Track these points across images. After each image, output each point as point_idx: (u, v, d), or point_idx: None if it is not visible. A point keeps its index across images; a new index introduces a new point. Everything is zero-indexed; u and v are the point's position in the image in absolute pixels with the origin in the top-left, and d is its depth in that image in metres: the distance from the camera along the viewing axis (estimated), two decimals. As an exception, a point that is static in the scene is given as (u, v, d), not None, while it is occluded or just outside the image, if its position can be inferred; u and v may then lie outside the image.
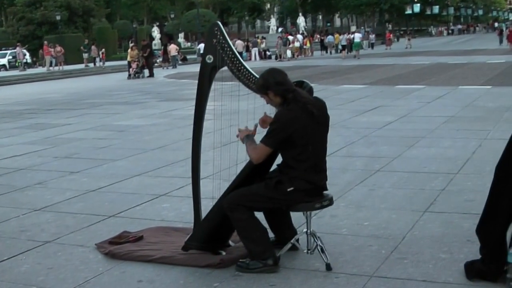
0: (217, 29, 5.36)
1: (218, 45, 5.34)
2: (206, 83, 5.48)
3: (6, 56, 57.11)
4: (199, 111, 5.55)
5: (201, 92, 5.51)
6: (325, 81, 25.06)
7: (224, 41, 5.33)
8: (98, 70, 46.30)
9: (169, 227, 6.43)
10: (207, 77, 5.46)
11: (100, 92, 26.16)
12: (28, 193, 8.43)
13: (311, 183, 5.03)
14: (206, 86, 5.49)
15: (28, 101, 23.49)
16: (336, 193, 7.29)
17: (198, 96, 5.53)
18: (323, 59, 48.78)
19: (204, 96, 5.51)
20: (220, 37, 5.34)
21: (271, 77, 5.03)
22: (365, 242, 5.76)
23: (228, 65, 5.35)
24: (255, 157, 5.09)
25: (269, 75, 5.05)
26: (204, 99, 5.52)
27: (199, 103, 5.54)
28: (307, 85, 5.28)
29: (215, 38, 5.36)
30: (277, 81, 4.99)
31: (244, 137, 5.21)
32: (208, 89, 5.51)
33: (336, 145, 10.47)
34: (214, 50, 5.37)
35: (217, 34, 5.35)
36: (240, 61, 5.32)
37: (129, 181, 8.78)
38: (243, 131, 5.25)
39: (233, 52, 5.33)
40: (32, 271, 5.50)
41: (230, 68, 5.36)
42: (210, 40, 5.40)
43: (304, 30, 71.25)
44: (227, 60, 5.33)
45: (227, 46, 5.33)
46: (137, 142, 12.32)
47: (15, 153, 11.62)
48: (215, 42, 5.35)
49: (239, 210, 5.10)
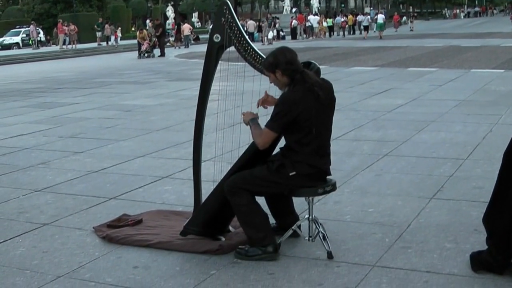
0: (226, 7, 5.20)
1: (226, 24, 5.19)
2: (212, 63, 5.33)
3: (19, 34, 57.01)
4: (203, 91, 5.40)
5: (206, 72, 5.36)
6: (336, 63, 24.84)
7: (233, 20, 5.17)
8: (111, 49, 46.18)
9: (169, 211, 6.30)
10: (214, 56, 5.31)
11: (111, 71, 26.03)
12: (31, 173, 8.32)
13: (314, 168, 4.87)
14: (212, 66, 5.34)
15: (38, 80, 23.39)
16: (341, 178, 7.19)
17: (203, 76, 5.39)
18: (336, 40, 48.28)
19: (210, 76, 5.36)
20: (229, 16, 5.18)
21: (282, 55, 4.86)
22: (368, 229, 5.60)
23: (235, 45, 5.20)
24: (261, 143, 4.94)
25: (280, 53, 4.88)
26: (209, 79, 5.37)
27: (204, 82, 5.39)
28: (314, 66, 5.11)
29: (224, 17, 5.20)
30: (287, 60, 4.82)
31: (249, 121, 5.05)
32: (214, 68, 5.35)
33: (344, 129, 10.33)
34: (222, 29, 5.21)
35: (225, 13, 5.19)
36: (247, 41, 5.18)
37: (133, 162, 8.66)
38: (247, 114, 5.10)
39: (241, 32, 5.18)
40: (27, 255, 5.38)
41: (237, 48, 5.21)
42: (219, 19, 5.24)
43: (317, 11, 70.63)
44: (234, 40, 5.18)
45: (235, 25, 5.18)
46: (143, 122, 12.19)
47: (21, 132, 11.52)
48: (223, 21, 5.20)
49: (240, 194, 4.95)
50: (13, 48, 52.98)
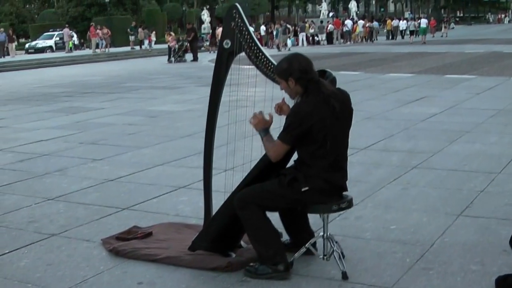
0: (235, 11, 4.95)
1: (236, 29, 4.92)
2: (222, 70, 5.08)
3: (53, 38, 57.26)
4: (214, 99, 5.17)
5: (217, 79, 5.12)
6: (372, 69, 24.45)
7: (243, 24, 4.92)
8: (144, 53, 46.12)
9: (181, 224, 6.05)
10: (224, 63, 5.07)
11: (141, 76, 25.88)
12: (46, 180, 8.13)
13: (328, 183, 4.57)
14: (223, 73, 5.09)
15: (67, 84, 23.32)
16: (365, 191, 6.94)
17: (213, 84, 5.14)
18: (374, 45, 47.67)
19: (220, 84, 5.12)
20: (239, 20, 4.93)
21: (297, 62, 4.55)
22: (389, 248, 5.28)
23: (246, 50, 4.94)
24: (273, 155, 4.67)
25: (295, 60, 4.58)
26: (219, 86, 5.13)
27: (215, 90, 5.15)
28: (330, 74, 4.81)
29: (233, 21, 4.95)
30: (302, 68, 4.52)
31: (260, 131, 4.75)
32: (225, 76, 5.11)
33: (374, 138, 10.02)
34: (232, 35, 4.96)
35: (235, 17, 4.94)
36: (258, 47, 4.92)
37: (151, 171, 8.42)
38: (259, 121, 4.77)
39: (251, 36, 4.92)
40: (30, 267, 5.20)
41: (247, 54, 4.96)
42: (228, 24, 4.99)
43: (355, 15, 70.07)
44: (245, 46, 4.93)
45: (246, 30, 4.92)
46: (167, 129, 11.95)
47: (42, 137, 11.37)
48: (233, 26, 4.94)
49: (250, 208, 4.68)
50: (46, 52, 53.23)
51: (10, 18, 71.61)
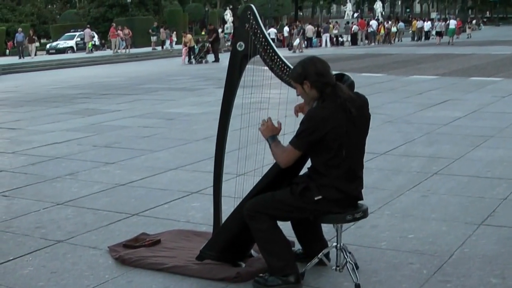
0: (249, 13, 4.76)
1: (250, 31, 4.73)
2: (236, 74, 4.89)
3: (74, 38, 57.32)
4: (226, 103, 4.97)
5: (229, 83, 4.93)
6: (395, 71, 24.10)
7: (257, 26, 4.72)
8: (165, 54, 46.02)
9: (191, 231, 5.86)
10: (237, 66, 4.87)
11: (160, 77, 25.72)
12: (56, 184, 7.97)
13: (342, 192, 4.35)
14: (236, 77, 4.90)
15: (86, 85, 23.21)
16: (383, 198, 6.74)
17: (226, 88, 4.95)
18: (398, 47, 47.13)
19: (233, 88, 4.93)
20: (253, 22, 4.73)
21: (312, 65, 4.34)
22: (405, 258, 5.06)
23: (261, 53, 4.74)
24: (283, 161, 4.44)
25: (310, 63, 4.36)
26: (232, 91, 4.94)
27: (227, 95, 4.96)
28: (348, 78, 4.56)
29: (248, 23, 4.75)
30: (318, 71, 4.30)
31: (268, 138, 4.55)
32: (238, 80, 4.91)
33: (395, 143, 9.80)
34: (246, 37, 4.77)
35: (249, 18, 4.75)
36: (273, 50, 4.71)
37: (163, 175, 8.24)
38: (267, 127, 4.58)
39: (266, 39, 4.72)
40: (34, 275, 5.04)
41: (262, 57, 4.76)
42: (242, 25, 4.80)
43: (380, 16, 69.56)
44: (260, 49, 4.73)
45: (260, 32, 4.73)
46: (183, 131, 11.76)
47: (56, 140, 11.22)
48: (247, 28, 4.75)
49: (260, 218, 4.47)
50: (67, 52, 53.31)
51: (31, 18, 71.87)
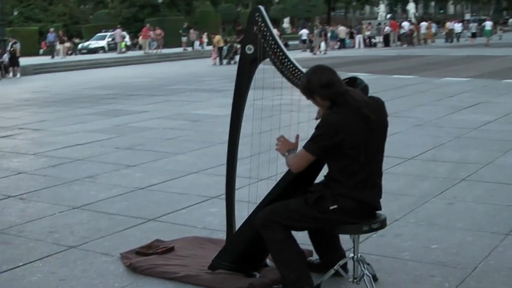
0: (258, 14, 4.57)
1: (259, 34, 4.54)
2: (245, 78, 4.72)
3: (105, 38, 57.51)
4: (236, 108, 4.85)
5: (239, 87, 4.77)
6: (426, 73, 23.72)
7: (266, 28, 4.53)
8: (196, 54, 45.96)
9: (206, 238, 5.68)
10: (247, 70, 4.71)
11: (189, 78, 25.60)
12: (75, 187, 7.86)
13: (359, 202, 4.14)
14: (245, 81, 4.73)
15: (114, 85, 23.19)
16: (408, 205, 6.55)
17: (235, 92, 4.80)
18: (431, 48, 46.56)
19: (243, 91, 4.77)
20: (262, 24, 4.55)
21: (316, 78, 4.10)
22: (427, 271, 4.84)
23: (271, 57, 4.56)
24: (295, 165, 4.24)
25: (313, 75, 4.13)
26: (242, 94, 4.79)
27: (237, 99, 4.81)
28: (361, 82, 4.35)
29: (256, 25, 4.57)
30: (322, 83, 4.07)
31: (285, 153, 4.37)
32: (248, 84, 4.75)
33: (422, 147, 9.55)
34: (255, 40, 4.59)
35: (258, 20, 4.57)
36: (284, 53, 4.53)
37: (184, 179, 8.09)
38: (284, 144, 4.41)
39: (276, 41, 4.53)
40: (42, 282, 4.92)
41: (272, 60, 4.58)
42: (251, 28, 4.61)
43: (413, 17, 68.90)
44: (269, 52, 4.54)
45: (269, 34, 4.54)
46: (207, 134, 11.59)
47: (79, 141, 11.13)
48: (255, 30, 4.56)
49: (273, 228, 4.28)
50: (98, 52, 53.51)
51: (63, 18, 72.34)
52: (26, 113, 16.17)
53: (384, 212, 5.92)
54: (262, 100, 5.10)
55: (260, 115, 5.23)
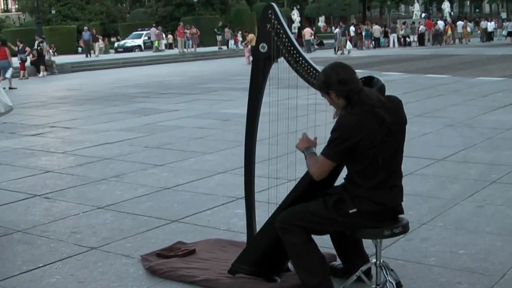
0: (271, 12, 4.46)
1: (272, 31, 4.43)
2: (259, 77, 4.61)
3: (141, 37, 57.75)
4: (252, 109, 4.72)
5: (254, 87, 4.67)
6: (460, 72, 23.41)
7: (280, 26, 4.42)
8: (230, 53, 45.96)
9: (228, 241, 5.59)
10: (261, 69, 4.60)
11: (222, 76, 25.57)
12: (101, 187, 7.83)
13: (379, 205, 4.02)
14: (260, 80, 4.62)
15: (147, 84, 23.24)
16: (437, 208, 6.40)
17: (250, 92, 4.69)
18: (465, 47, 46.07)
19: (258, 92, 4.67)
20: (275, 21, 4.44)
21: (334, 73, 4.01)
22: (453, 277, 4.69)
23: (284, 55, 4.45)
24: (316, 173, 4.12)
25: (332, 71, 4.04)
26: (258, 94, 4.67)
27: (252, 100, 4.70)
28: (377, 81, 4.22)
29: (269, 23, 4.46)
30: (340, 79, 3.97)
31: (304, 149, 4.26)
32: (263, 83, 4.64)
33: (454, 148, 9.36)
34: (268, 38, 4.48)
35: (271, 18, 4.45)
36: (298, 51, 4.42)
37: (211, 179, 8.01)
38: (303, 141, 4.33)
39: (290, 39, 4.42)
40: (60, 284, 4.88)
41: (286, 59, 4.46)
42: (264, 26, 4.50)
43: (448, 16, 68.23)
44: (283, 50, 4.43)
45: (283, 32, 4.43)
46: (236, 133, 11.48)
47: (108, 140, 11.15)
48: (269, 28, 4.45)
49: (293, 231, 4.18)
50: (134, 51, 53.77)
51: (100, 17, 72.90)
52: (59, 111, 16.27)
53: (412, 214, 5.85)
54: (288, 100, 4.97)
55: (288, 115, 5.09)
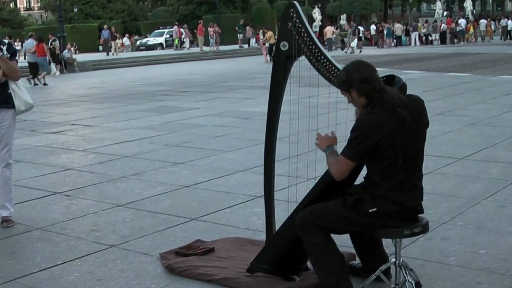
0: (293, 10, 4.45)
1: (293, 30, 4.41)
2: (280, 75, 4.61)
3: (163, 35, 57.86)
4: (273, 107, 4.71)
5: (275, 86, 4.66)
6: (482, 70, 23.25)
7: (301, 24, 4.41)
8: (251, 51, 45.87)
9: (247, 239, 5.58)
10: (282, 68, 4.59)
11: (243, 75, 25.57)
12: (120, 185, 7.84)
13: (398, 204, 3.99)
14: (281, 79, 4.62)
15: (168, 82, 23.29)
16: (457, 208, 6.35)
17: (271, 90, 4.68)
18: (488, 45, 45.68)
19: (279, 90, 4.65)
20: (297, 20, 4.42)
21: (356, 71, 3.99)
22: (473, 277, 4.65)
23: (306, 54, 4.44)
24: (336, 173, 4.10)
25: (354, 69, 4.02)
26: (278, 93, 4.66)
27: (273, 98, 4.69)
28: (399, 80, 4.20)
29: (291, 21, 4.45)
30: (362, 78, 3.95)
31: (325, 148, 4.24)
32: (283, 82, 4.64)
33: (475, 146, 9.29)
34: (289, 36, 4.47)
35: (293, 16, 4.44)
36: (319, 50, 4.40)
37: (230, 177, 8.00)
38: (324, 139, 4.30)
39: (311, 38, 4.41)
40: (79, 282, 4.88)
41: (307, 57, 4.45)
42: (285, 24, 4.49)
43: (470, 14, 67.77)
44: (304, 48, 4.42)
45: (305, 30, 4.41)
46: (256, 132, 11.45)
47: (128, 138, 11.17)
48: (290, 26, 4.44)
49: (312, 230, 4.15)
50: (156, 49, 53.90)
51: (122, 15, 73.18)
52: (80, 109, 16.34)
53: (432, 214, 5.81)
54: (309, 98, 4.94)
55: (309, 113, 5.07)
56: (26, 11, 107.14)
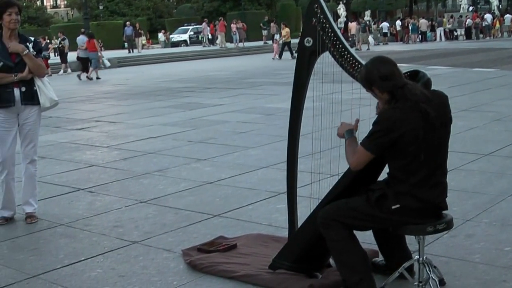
0: (317, 6, 4.41)
1: (318, 26, 4.39)
2: (304, 71, 4.58)
3: (187, 32, 57.95)
4: (296, 103, 4.69)
5: (298, 82, 4.64)
6: (509, 66, 22.98)
7: (326, 20, 4.38)
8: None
9: (269, 236, 5.55)
10: (306, 63, 4.57)
11: (267, 71, 25.51)
12: (144, 181, 7.84)
13: (422, 201, 3.94)
14: (304, 75, 4.59)
15: (192, 78, 23.32)
16: (483, 204, 6.27)
17: (295, 86, 4.65)
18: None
19: (302, 86, 4.63)
20: (321, 15, 4.39)
21: (375, 69, 3.96)
22: (498, 275, 4.58)
23: (330, 49, 4.40)
24: (354, 163, 4.07)
25: (373, 66, 3.98)
26: (302, 89, 4.63)
27: (297, 94, 4.67)
28: (423, 76, 4.15)
29: (315, 17, 4.42)
30: (381, 75, 3.92)
31: (345, 132, 4.21)
32: (307, 78, 4.60)
33: (501, 142, 9.18)
34: (314, 32, 4.44)
35: (317, 12, 4.41)
36: (344, 45, 4.36)
37: (253, 174, 7.98)
38: (344, 124, 4.30)
39: (336, 33, 4.37)
40: (101, 278, 4.88)
41: (331, 53, 4.42)
42: (309, 20, 4.47)
43: (496, 10, 67.16)
44: (329, 44, 4.38)
45: (329, 26, 4.38)
46: (280, 128, 11.38)
47: (152, 134, 11.19)
48: (314, 22, 4.41)
49: (335, 227, 4.12)
50: (181, 46, 54.01)
51: (147, 12, 73.42)
52: (104, 105, 16.41)
53: (457, 210, 5.74)
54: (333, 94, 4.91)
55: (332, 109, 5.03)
56: (52, 9, 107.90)
